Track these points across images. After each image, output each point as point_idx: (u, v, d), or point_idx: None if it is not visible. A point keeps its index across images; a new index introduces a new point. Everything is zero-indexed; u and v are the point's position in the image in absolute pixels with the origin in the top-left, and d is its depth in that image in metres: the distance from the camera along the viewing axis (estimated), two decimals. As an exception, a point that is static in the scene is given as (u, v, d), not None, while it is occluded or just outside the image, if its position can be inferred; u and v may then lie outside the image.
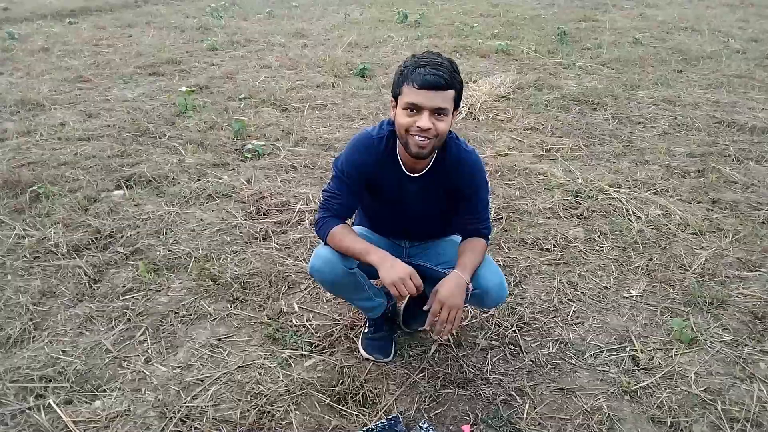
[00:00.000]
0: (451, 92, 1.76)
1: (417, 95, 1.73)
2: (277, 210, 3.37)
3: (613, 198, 3.51)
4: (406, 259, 2.18)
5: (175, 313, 2.48)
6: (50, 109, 4.93)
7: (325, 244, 1.97)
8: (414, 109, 1.75)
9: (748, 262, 2.90)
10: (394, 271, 1.78)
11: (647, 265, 2.87)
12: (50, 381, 2.09)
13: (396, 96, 1.81)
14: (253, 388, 2.07)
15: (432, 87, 1.71)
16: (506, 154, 4.21)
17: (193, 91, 5.08)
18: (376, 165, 1.95)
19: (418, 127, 1.76)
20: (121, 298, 2.56)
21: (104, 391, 2.07)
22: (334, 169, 2.00)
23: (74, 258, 2.81)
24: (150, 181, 3.63)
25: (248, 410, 1.97)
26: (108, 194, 3.45)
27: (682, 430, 1.94)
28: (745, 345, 2.33)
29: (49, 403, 1.99)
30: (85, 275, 2.69)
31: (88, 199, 3.37)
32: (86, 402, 2.02)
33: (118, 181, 3.60)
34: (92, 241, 2.95)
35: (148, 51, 7.07)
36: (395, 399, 2.05)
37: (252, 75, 6.12)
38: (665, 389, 2.11)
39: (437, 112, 1.76)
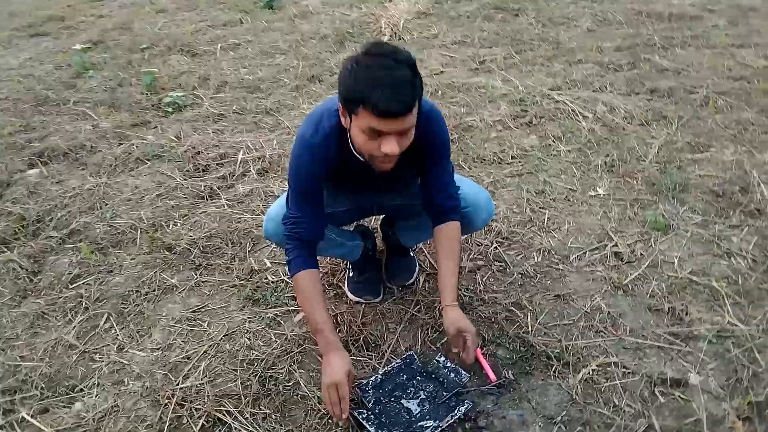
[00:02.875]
0: (417, 105, 1.49)
1: (379, 123, 1.44)
2: (217, 164, 3.12)
3: (557, 101, 3.49)
4: (377, 208, 2.07)
5: (137, 292, 2.25)
6: None
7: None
8: (376, 133, 1.49)
9: (697, 144, 2.98)
10: (326, 376, 1.59)
11: (605, 162, 2.89)
12: (16, 392, 1.86)
13: (350, 111, 1.49)
14: (247, 355, 1.93)
15: (397, 115, 1.44)
16: (441, 72, 4.07)
17: (88, 48, 4.56)
18: (331, 167, 1.69)
19: (383, 152, 1.50)
20: (70, 287, 2.30)
21: (81, 390, 1.86)
22: (289, 184, 1.74)
23: (4, 252, 2.49)
24: (66, 153, 3.24)
25: (248, 378, 1.84)
26: (22, 175, 3.06)
27: (679, 313, 1.99)
28: (715, 223, 2.41)
29: (23, 417, 1.77)
30: (22, 268, 2.39)
31: (0, 184, 2.98)
32: (65, 407, 1.81)
33: (29, 158, 3.19)
34: (19, 230, 2.62)
35: (23, 10, 6.26)
36: (398, 336, 1.98)
37: (149, 22, 5.56)
38: (654, 278, 2.15)
39: (404, 132, 1.50)
